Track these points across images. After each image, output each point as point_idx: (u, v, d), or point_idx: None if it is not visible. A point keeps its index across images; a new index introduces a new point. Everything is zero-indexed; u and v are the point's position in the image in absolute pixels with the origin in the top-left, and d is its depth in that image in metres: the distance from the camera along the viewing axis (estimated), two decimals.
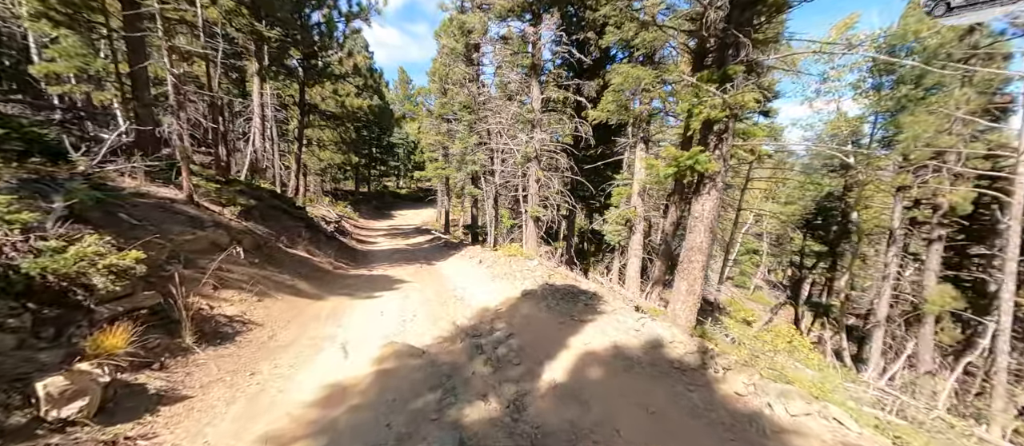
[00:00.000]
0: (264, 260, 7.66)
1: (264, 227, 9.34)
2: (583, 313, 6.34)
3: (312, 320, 6.15)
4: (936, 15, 2.75)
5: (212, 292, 5.45)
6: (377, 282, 9.54)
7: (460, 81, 17.98)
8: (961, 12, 2.61)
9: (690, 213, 5.03)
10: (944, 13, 2.65)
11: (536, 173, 13.13)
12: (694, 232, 4.87)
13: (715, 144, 4.67)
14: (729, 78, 4.27)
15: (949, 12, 2.63)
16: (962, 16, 2.65)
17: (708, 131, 4.70)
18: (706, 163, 4.46)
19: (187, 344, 4.21)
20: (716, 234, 4.58)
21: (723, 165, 4.67)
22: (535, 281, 8.90)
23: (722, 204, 17.14)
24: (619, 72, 8.71)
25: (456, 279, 10.14)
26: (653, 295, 9.35)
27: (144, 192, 6.96)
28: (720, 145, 4.65)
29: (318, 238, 12.52)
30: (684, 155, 4.52)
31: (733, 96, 4.20)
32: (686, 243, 5.02)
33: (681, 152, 4.63)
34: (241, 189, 10.01)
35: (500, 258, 12.21)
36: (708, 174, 4.68)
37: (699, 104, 4.33)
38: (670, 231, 9.34)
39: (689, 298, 5.03)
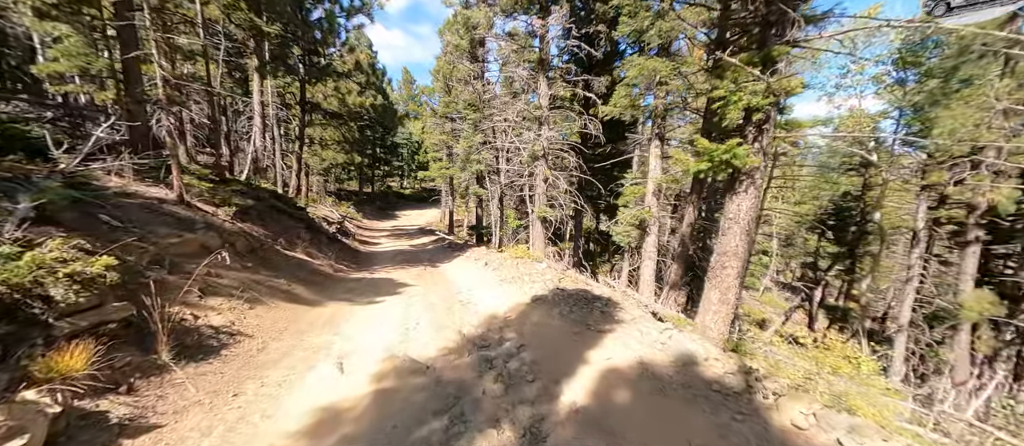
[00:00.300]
0: (259, 263, 7.20)
1: (261, 228, 8.88)
2: (600, 322, 5.82)
3: (308, 329, 5.67)
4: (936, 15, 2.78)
5: (198, 300, 4.98)
6: (379, 286, 9.07)
7: (464, 79, 17.49)
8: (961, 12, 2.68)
9: (724, 214, 4.50)
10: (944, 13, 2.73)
11: (544, 172, 12.62)
12: (728, 235, 4.35)
13: (755, 136, 4.15)
14: (773, 60, 3.75)
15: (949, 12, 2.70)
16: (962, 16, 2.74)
17: (747, 121, 4.18)
18: (745, 157, 3.94)
19: (163, 361, 3.73)
20: (754, 238, 4.11)
21: (764, 159, 4.15)
22: (545, 285, 8.38)
23: None
24: (634, 64, 8.18)
25: (461, 283, 9.65)
26: (669, 300, 8.81)
27: (131, 192, 6.51)
28: (760, 137, 4.13)
29: (319, 239, 12.07)
30: (719, 149, 4.00)
31: (779, 80, 3.68)
32: (718, 247, 4.50)
33: (715, 145, 4.11)
34: (239, 189, 9.58)
35: (507, 260, 11.71)
36: (745, 170, 4.16)
37: (737, 91, 3.81)
38: (687, 233, 8.79)
39: (722, 308, 4.51)
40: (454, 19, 18.65)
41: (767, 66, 3.74)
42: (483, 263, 11.94)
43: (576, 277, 9.93)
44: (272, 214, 10.32)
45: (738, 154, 3.92)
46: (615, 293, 8.56)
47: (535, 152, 12.28)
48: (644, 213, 8.85)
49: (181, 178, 6.84)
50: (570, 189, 12.79)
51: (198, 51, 17.65)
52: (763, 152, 4.17)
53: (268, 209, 10.22)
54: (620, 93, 9.21)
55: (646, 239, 9.19)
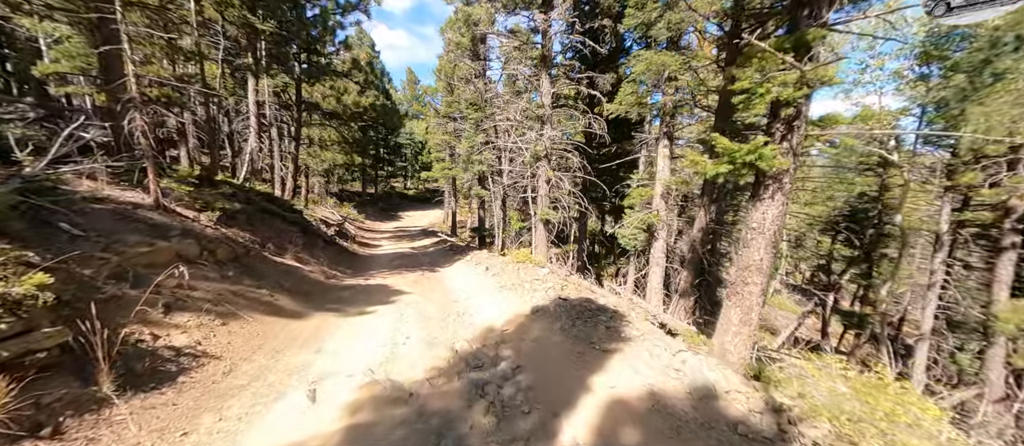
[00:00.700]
0: (242, 272, 6.73)
1: (249, 233, 8.43)
2: (605, 339, 5.27)
3: (286, 346, 5.18)
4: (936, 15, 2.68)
5: (161, 317, 4.50)
6: (373, 294, 8.58)
7: (466, 77, 17.00)
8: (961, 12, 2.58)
9: (746, 223, 3.93)
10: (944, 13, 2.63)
11: (546, 173, 12.07)
12: (751, 247, 3.78)
13: (783, 134, 3.57)
14: (807, 46, 3.18)
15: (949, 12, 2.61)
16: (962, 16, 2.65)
17: (773, 118, 3.61)
18: (772, 159, 3.38)
19: (103, 394, 3.25)
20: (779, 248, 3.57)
21: (793, 161, 3.58)
22: (546, 294, 7.84)
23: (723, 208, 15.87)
24: (641, 59, 7.61)
25: (459, 290, 9.14)
26: (678, 309, 8.24)
27: (102, 196, 6.06)
28: (790, 135, 3.55)
29: (313, 244, 11.62)
30: (742, 149, 3.45)
31: (813, 69, 3.12)
32: (740, 260, 3.94)
33: (737, 145, 3.55)
34: (227, 192, 9.13)
35: (508, 265, 11.18)
36: (772, 173, 3.60)
37: (764, 82, 3.25)
38: (698, 237, 8.21)
39: (743, 329, 3.94)
40: (455, 17, 18.16)
41: (801, 52, 3.18)
42: (484, 268, 11.42)
43: (580, 284, 9.38)
44: (263, 218, 9.88)
45: (764, 155, 3.36)
46: (621, 303, 8.00)
47: (537, 152, 11.73)
48: (652, 217, 8.28)
49: (157, 181, 6.39)
50: (574, 190, 12.23)
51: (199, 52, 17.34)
52: (793, 152, 3.58)
53: (259, 212, 9.78)
54: (626, 90, 8.64)
55: (654, 244, 8.61)
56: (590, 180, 12.66)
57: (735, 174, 3.75)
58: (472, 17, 14.53)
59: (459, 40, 16.47)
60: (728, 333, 4.10)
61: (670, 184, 8.45)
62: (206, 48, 16.50)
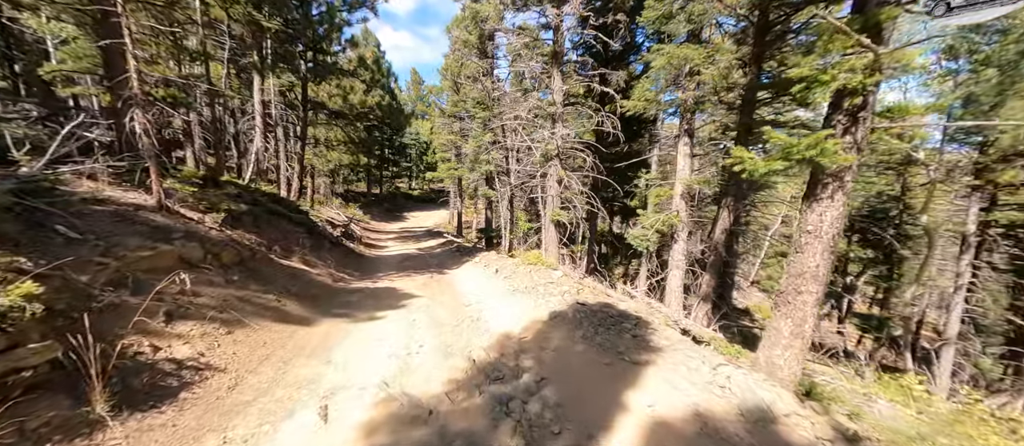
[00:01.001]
0: (248, 276, 6.44)
1: (255, 235, 8.15)
2: (634, 350, 4.92)
3: (295, 355, 4.87)
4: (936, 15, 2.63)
5: (162, 326, 4.21)
6: (382, 297, 8.28)
7: (473, 76, 16.68)
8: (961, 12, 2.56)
9: (800, 226, 3.57)
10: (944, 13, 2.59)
11: (557, 173, 11.73)
12: (806, 252, 3.43)
13: (847, 126, 3.21)
14: (878, 26, 2.82)
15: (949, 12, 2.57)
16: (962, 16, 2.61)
17: (836, 108, 3.25)
18: (834, 153, 3.03)
19: (97, 414, 2.95)
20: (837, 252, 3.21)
21: (858, 157, 3.23)
22: (563, 298, 7.51)
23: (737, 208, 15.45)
24: (662, 53, 7.26)
25: (470, 293, 8.82)
26: (700, 314, 7.89)
27: (103, 197, 5.79)
28: (854, 128, 3.18)
29: (320, 245, 11.34)
30: (800, 143, 3.08)
31: (890, 53, 2.78)
32: (792, 267, 3.59)
33: (795, 139, 3.20)
34: (233, 192, 8.86)
35: (519, 267, 10.85)
36: (832, 170, 3.24)
37: (829, 69, 2.90)
38: (721, 240, 7.84)
39: (795, 343, 3.59)
40: (462, 14, 17.88)
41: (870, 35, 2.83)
42: (493, 270, 11.10)
43: (595, 287, 9.04)
44: (270, 219, 9.60)
45: (826, 150, 3.00)
46: (640, 307, 7.65)
47: (548, 151, 11.39)
48: (672, 217, 7.93)
49: (160, 181, 6.11)
50: (585, 190, 11.88)
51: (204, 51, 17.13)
52: (857, 147, 3.23)
53: (265, 214, 9.51)
54: (644, 85, 8.29)
55: (674, 246, 8.25)
56: (602, 179, 12.30)
57: (787, 171, 3.40)
58: (480, 14, 14.23)
59: (466, 38, 16.17)
60: (777, 346, 3.74)
61: (691, 183, 8.09)
62: (212, 48, 16.30)
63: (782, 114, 10.25)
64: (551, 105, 11.35)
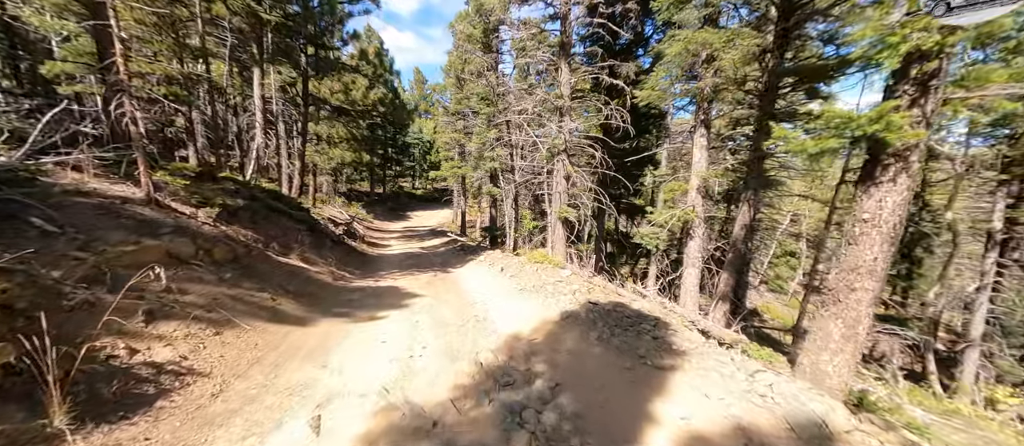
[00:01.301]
0: (241, 274, 6.07)
1: (252, 232, 7.79)
2: (656, 353, 4.51)
3: (288, 359, 4.49)
4: (936, 15, 2.64)
5: (142, 327, 3.83)
6: (384, 296, 7.89)
7: (477, 71, 16.31)
8: (961, 12, 2.56)
9: (854, 214, 3.14)
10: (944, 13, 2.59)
11: (565, 168, 11.32)
12: (862, 243, 3.00)
13: (915, 97, 2.78)
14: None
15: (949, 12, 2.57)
16: (962, 16, 2.60)
17: (903, 77, 2.82)
18: (900, 128, 2.61)
19: (55, 427, 2.57)
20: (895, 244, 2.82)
21: (928, 132, 2.81)
22: (574, 298, 7.10)
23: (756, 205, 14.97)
24: (678, 39, 6.84)
25: (476, 292, 8.42)
26: (718, 315, 7.46)
27: (87, 189, 5.44)
28: (923, 98, 2.75)
29: (321, 243, 10.99)
30: (860, 118, 2.67)
31: None
32: (844, 260, 3.17)
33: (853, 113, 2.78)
34: (229, 187, 8.51)
35: (525, 265, 10.45)
36: (894, 149, 2.82)
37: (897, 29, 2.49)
38: (741, 236, 7.40)
39: (846, 347, 3.16)
40: (467, 9, 17.54)
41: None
42: (499, 269, 10.71)
43: (606, 286, 8.63)
44: (268, 215, 9.25)
45: (893, 124, 2.58)
46: (655, 307, 7.23)
47: (555, 146, 10.99)
48: (688, 213, 7.50)
49: (149, 173, 5.75)
50: (593, 186, 11.46)
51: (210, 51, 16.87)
52: (926, 121, 2.80)
53: (264, 210, 9.16)
54: (658, 74, 7.87)
55: (689, 243, 7.82)
56: (611, 175, 11.88)
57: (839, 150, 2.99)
58: (485, 7, 13.85)
59: (470, 32, 15.79)
60: (825, 350, 3.32)
61: (708, 177, 7.65)
62: (214, 45, 16.02)
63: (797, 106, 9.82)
64: (558, 98, 10.94)
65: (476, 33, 15.43)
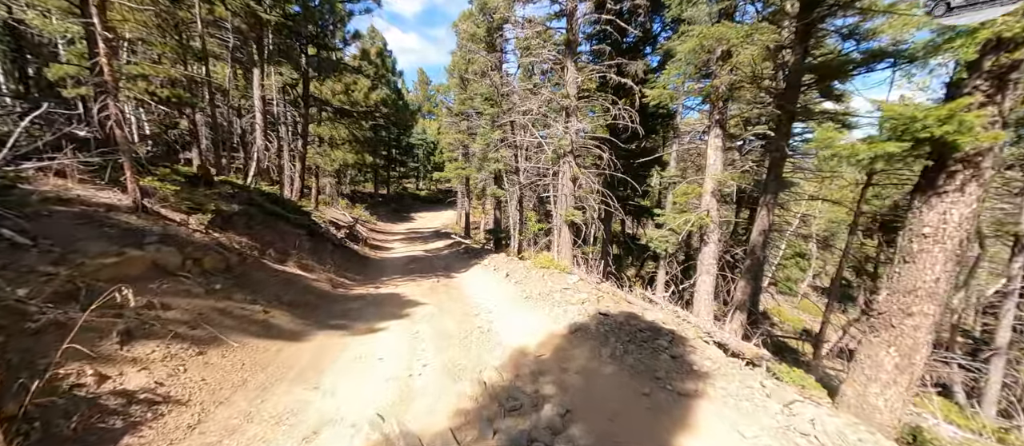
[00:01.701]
0: (232, 284, 5.75)
1: (248, 238, 7.48)
2: (675, 375, 4.12)
3: (277, 380, 4.15)
4: (936, 15, 2.45)
5: (116, 349, 3.50)
6: (384, 305, 7.55)
7: (481, 70, 15.95)
8: (961, 12, 2.46)
9: (909, 228, 2.73)
10: (944, 13, 2.45)
11: (572, 170, 10.93)
12: (920, 262, 2.58)
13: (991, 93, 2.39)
14: None
15: (949, 12, 2.46)
16: (962, 16, 2.43)
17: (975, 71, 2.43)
18: (972, 130, 2.22)
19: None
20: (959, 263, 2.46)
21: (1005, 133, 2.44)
22: (582, 308, 6.71)
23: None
24: (692, 34, 6.44)
25: (480, 300, 8.06)
26: (734, 324, 7.04)
27: (70, 197, 5.14)
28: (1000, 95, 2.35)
29: (321, 248, 10.68)
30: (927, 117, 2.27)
31: None
32: (900, 281, 2.75)
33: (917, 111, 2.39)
34: (225, 192, 8.22)
35: (531, 270, 10.08)
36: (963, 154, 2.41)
37: None
38: (759, 241, 6.98)
39: (900, 378, 2.75)
40: (470, 8, 17.20)
41: None
42: (504, 274, 10.34)
43: (615, 294, 8.24)
44: (266, 220, 8.95)
45: (966, 124, 2.20)
46: (668, 317, 6.84)
47: (562, 147, 10.60)
48: (702, 218, 7.08)
49: (136, 179, 5.44)
50: (600, 189, 11.06)
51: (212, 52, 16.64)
52: (1002, 121, 2.41)
53: (261, 215, 8.86)
54: (670, 72, 7.46)
55: (703, 249, 7.41)
56: (620, 177, 11.48)
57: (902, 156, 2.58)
58: (489, 5, 13.48)
59: (474, 31, 15.44)
60: (875, 382, 2.91)
61: (723, 179, 7.23)
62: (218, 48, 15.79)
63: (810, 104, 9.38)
64: (565, 98, 10.56)
65: (480, 32, 15.08)
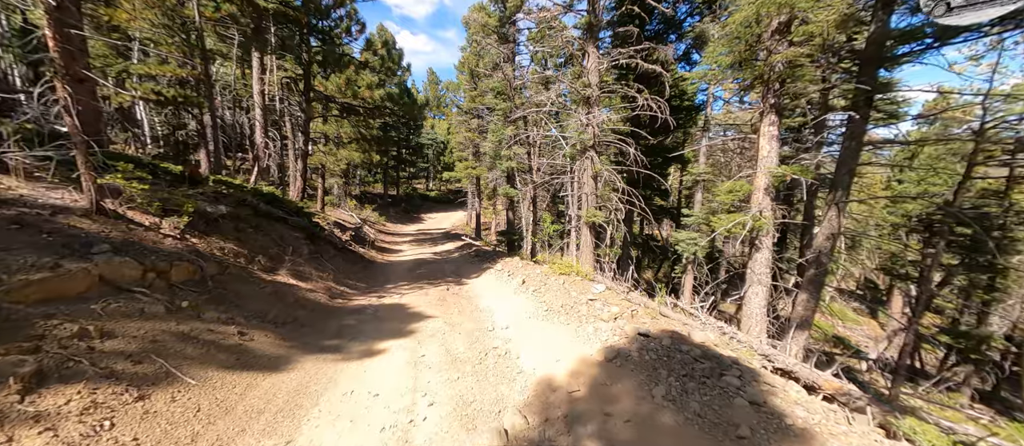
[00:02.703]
0: (205, 300, 4.83)
1: (234, 244, 6.59)
2: (763, 432, 3.05)
3: (238, 434, 3.18)
4: (936, 15, 2.72)
5: (14, 402, 2.57)
6: (386, 320, 6.60)
7: (493, 63, 14.96)
8: (961, 12, 2.60)
9: None
10: (944, 13, 2.65)
11: (593, 167, 9.86)
12: None
13: None
14: None
15: (949, 12, 2.62)
16: (962, 16, 2.64)
17: None
18: None
19: None
20: None
21: None
22: (616, 325, 5.66)
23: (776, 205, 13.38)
24: (744, 2, 5.34)
25: (495, 313, 7.07)
26: (794, 347, 5.91)
27: (11, 197, 4.27)
28: None
29: (322, 252, 9.79)
30: None
31: None
32: None
33: None
34: (216, 192, 7.36)
35: (550, 278, 9.05)
36: None
37: None
38: (826, 247, 5.81)
39: None
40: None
41: None
42: (519, 281, 9.32)
43: (648, 305, 7.15)
44: (260, 223, 8.07)
45: None
46: (718, 338, 5.74)
47: (583, 141, 9.55)
48: (757, 220, 5.92)
49: (91, 176, 4.56)
50: (624, 186, 9.95)
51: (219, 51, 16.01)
52: None
53: (254, 217, 7.99)
54: (715, 48, 6.32)
55: (755, 255, 6.23)
56: (644, 174, 10.38)
57: None
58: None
59: (486, 21, 14.47)
60: None
61: (780, 174, 6.05)
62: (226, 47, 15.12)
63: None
64: (585, 86, 9.49)
65: (492, 22, 14.09)
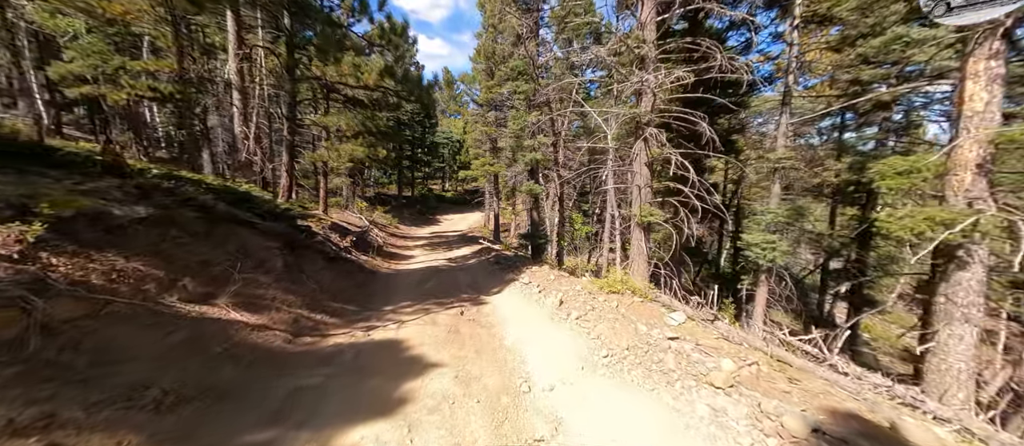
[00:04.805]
0: (13, 378, 2.62)
1: (146, 261, 4.41)
2: None
3: None
4: (937, 15, 2.81)
5: None
6: (366, 374, 4.28)
7: (514, 35, 12.61)
8: (961, 12, 2.70)
9: None
10: (944, 13, 2.74)
11: (648, 151, 7.37)
12: None
13: None
14: None
15: (949, 12, 2.72)
16: (962, 16, 2.72)
17: None
18: None
19: None
20: None
21: None
22: (741, 399, 3.20)
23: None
24: None
25: (529, 357, 4.68)
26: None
27: None
28: None
29: (305, 264, 7.63)
30: None
31: None
32: None
33: None
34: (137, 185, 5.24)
35: (596, 297, 6.64)
36: None
37: None
38: None
39: None
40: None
41: None
42: (555, 300, 6.91)
43: (755, 346, 4.65)
44: (211, 230, 5.93)
45: None
46: (894, 413, 3.22)
47: (638, 115, 7.07)
48: (958, 217, 3.30)
49: None
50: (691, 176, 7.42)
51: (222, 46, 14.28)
52: None
53: (203, 221, 5.84)
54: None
55: (956, 275, 3.64)
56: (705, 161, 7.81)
57: None
58: None
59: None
60: None
61: (1008, 139, 3.48)
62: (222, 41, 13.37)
63: None
64: (638, 43, 7.01)
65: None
